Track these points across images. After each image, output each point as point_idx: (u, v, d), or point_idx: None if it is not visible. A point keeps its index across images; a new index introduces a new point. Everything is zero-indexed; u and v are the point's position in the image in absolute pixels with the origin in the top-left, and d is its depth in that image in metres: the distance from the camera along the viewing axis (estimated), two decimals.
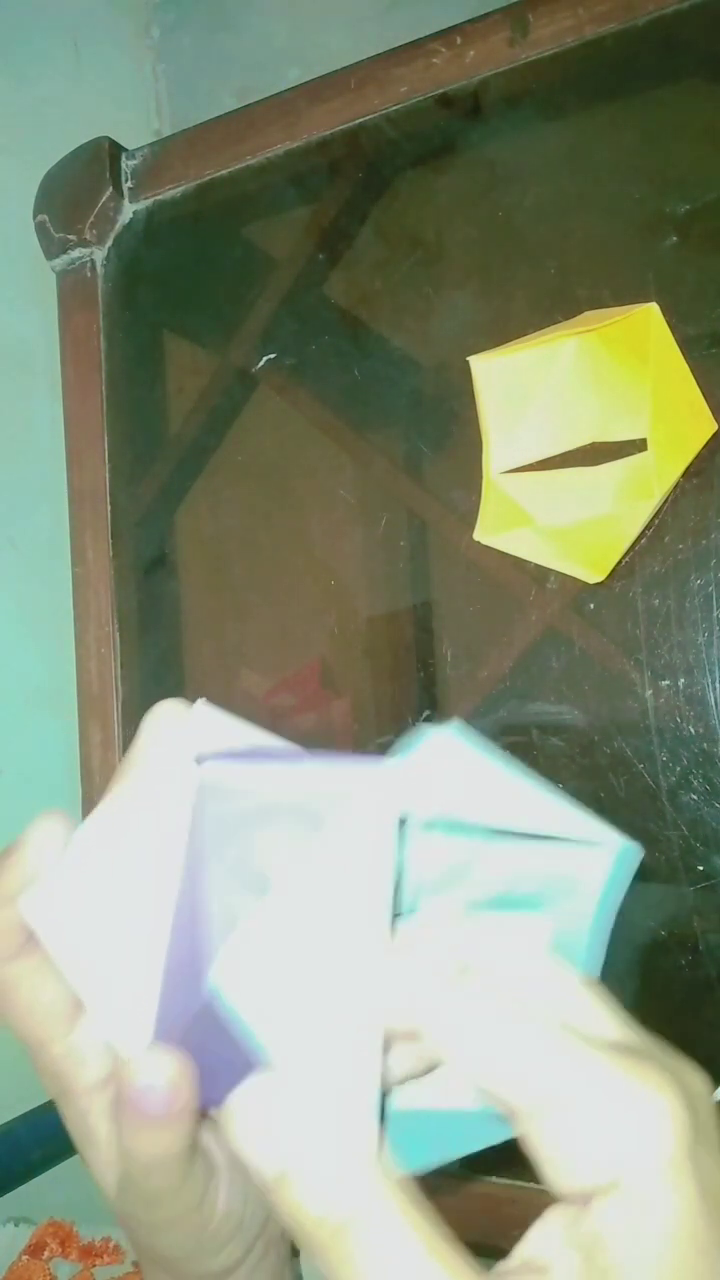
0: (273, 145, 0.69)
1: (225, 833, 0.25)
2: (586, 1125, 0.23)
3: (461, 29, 0.62)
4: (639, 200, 0.59)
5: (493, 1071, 0.24)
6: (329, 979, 0.24)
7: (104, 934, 0.26)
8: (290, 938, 0.24)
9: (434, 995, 0.25)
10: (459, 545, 0.61)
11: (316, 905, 0.24)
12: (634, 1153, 0.23)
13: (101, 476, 0.73)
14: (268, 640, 0.72)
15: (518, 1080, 0.24)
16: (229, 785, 0.26)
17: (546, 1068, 0.23)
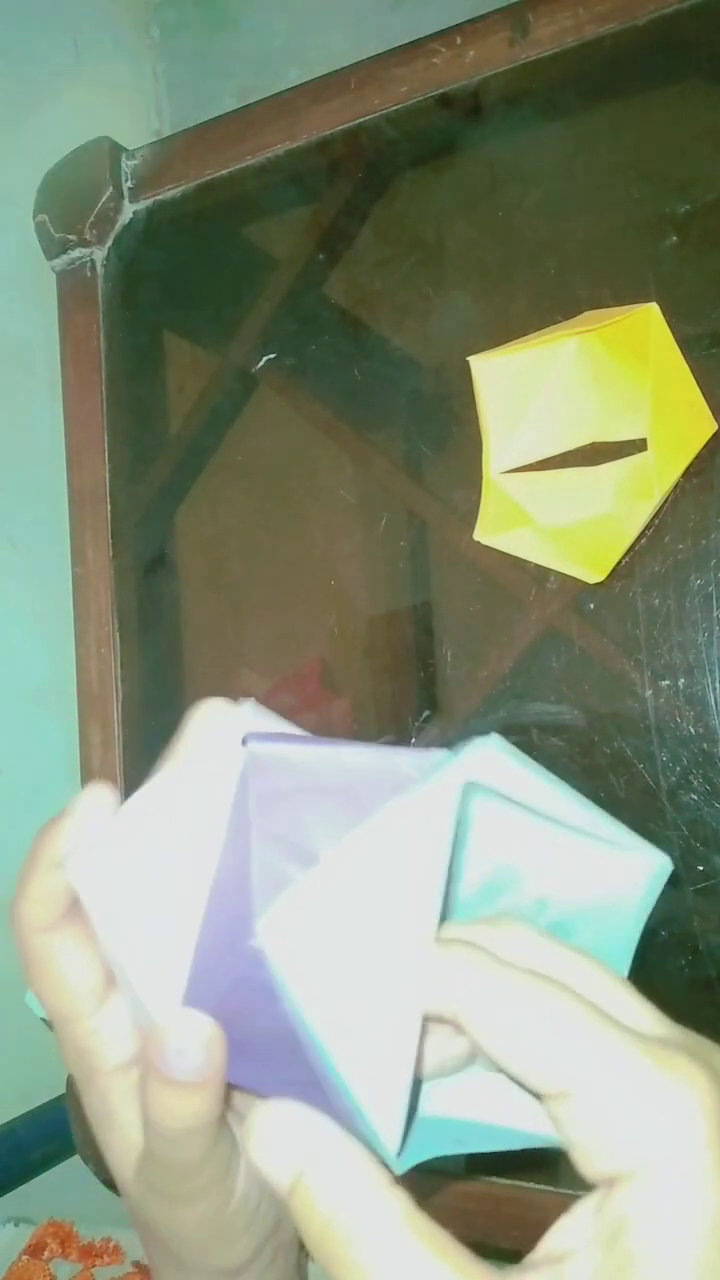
0: (273, 145, 0.69)
1: (270, 806, 0.25)
2: (615, 1110, 0.23)
3: (461, 29, 0.62)
4: (639, 200, 0.59)
5: (526, 1052, 0.24)
6: (373, 956, 0.24)
7: (145, 903, 0.26)
8: (339, 908, 0.24)
9: (473, 977, 0.25)
10: (459, 545, 0.61)
11: (368, 880, 0.24)
12: (660, 1140, 0.22)
13: (101, 476, 0.74)
14: (268, 640, 0.72)
15: (550, 1061, 0.24)
16: (275, 761, 0.26)
17: (580, 1050, 0.23)
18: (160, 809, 0.27)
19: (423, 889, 0.24)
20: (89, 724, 0.72)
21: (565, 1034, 0.24)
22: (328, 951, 0.23)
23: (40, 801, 0.80)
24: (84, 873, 0.27)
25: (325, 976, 0.23)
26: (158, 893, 0.26)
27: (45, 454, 0.80)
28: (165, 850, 0.27)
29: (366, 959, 0.24)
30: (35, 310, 0.81)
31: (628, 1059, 0.23)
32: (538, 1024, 0.24)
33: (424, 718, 0.63)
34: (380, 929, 0.24)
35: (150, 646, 0.74)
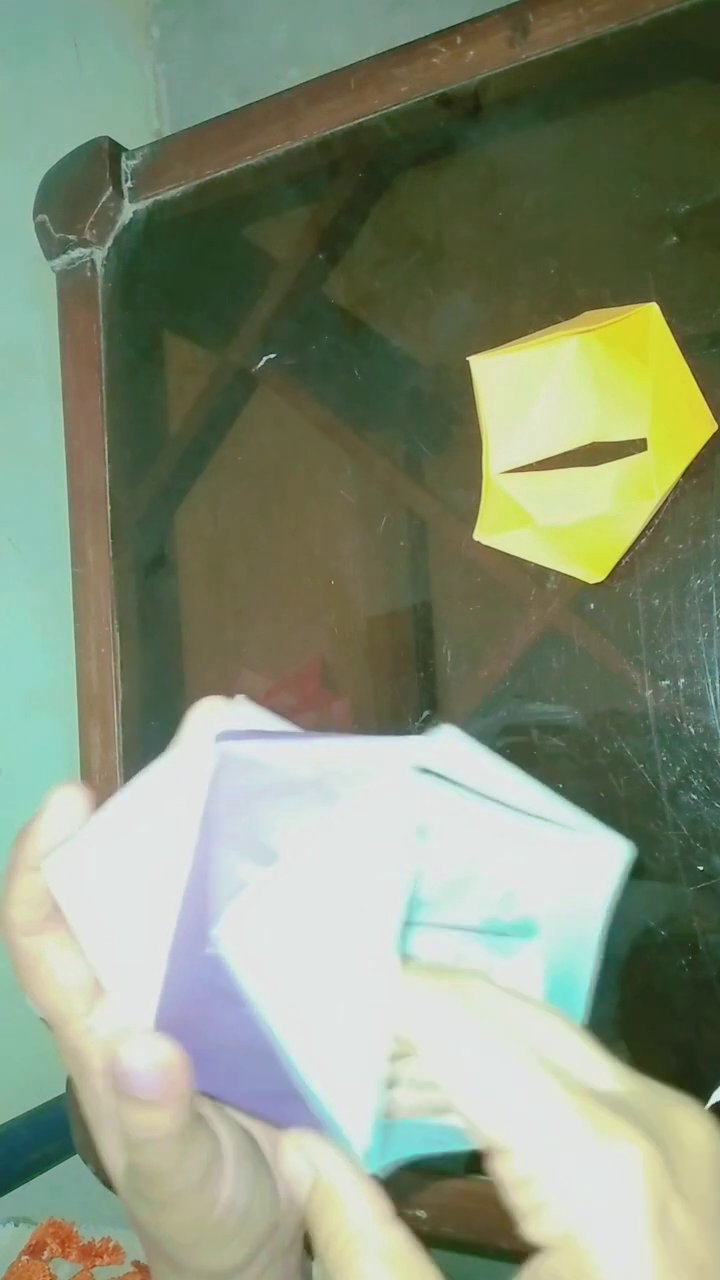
0: (273, 145, 0.69)
1: (237, 806, 0.25)
2: (550, 1174, 0.22)
3: (461, 29, 0.62)
4: (639, 200, 0.59)
5: (472, 1105, 0.24)
6: (337, 956, 0.24)
7: (120, 906, 0.26)
8: (299, 907, 0.23)
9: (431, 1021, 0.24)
10: (459, 545, 0.61)
11: (328, 876, 0.24)
12: (592, 1210, 0.22)
13: (101, 476, 0.73)
14: (268, 640, 0.72)
15: (494, 1116, 0.23)
16: (243, 761, 0.26)
17: (521, 1108, 0.23)
18: (139, 810, 0.27)
19: (387, 883, 0.24)
20: (89, 724, 0.72)
21: (509, 1090, 0.23)
22: (289, 952, 0.23)
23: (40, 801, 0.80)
24: (58, 875, 0.27)
25: (287, 979, 0.23)
26: (133, 896, 0.26)
27: (45, 454, 0.80)
28: (142, 852, 0.26)
29: (330, 959, 0.24)
30: (35, 310, 0.81)
31: (567, 1122, 0.23)
32: (486, 1076, 0.23)
33: (424, 718, 0.63)
34: (343, 927, 0.24)
35: (150, 646, 0.74)
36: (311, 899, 0.23)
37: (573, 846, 0.27)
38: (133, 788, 0.27)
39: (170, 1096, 0.25)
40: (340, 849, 0.24)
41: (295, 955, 0.23)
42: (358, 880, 0.24)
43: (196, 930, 0.24)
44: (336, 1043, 0.23)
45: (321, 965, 0.23)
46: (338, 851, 0.24)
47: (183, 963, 0.25)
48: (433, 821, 0.27)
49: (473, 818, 0.27)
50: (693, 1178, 0.23)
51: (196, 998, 0.24)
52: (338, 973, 0.24)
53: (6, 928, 0.28)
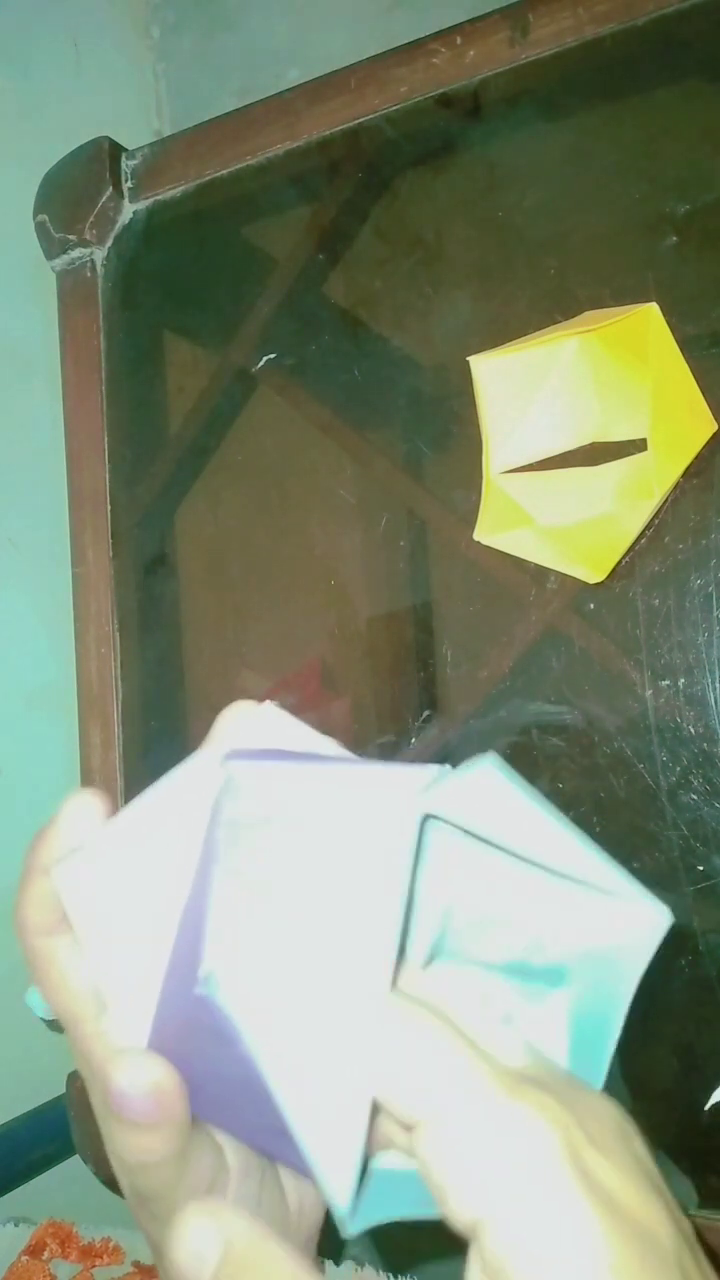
0: (273, 145, 0.69)
1: (235, 835, 0.25)
2: (465, 1141, 0.22)
3: (461, 29, 0.62)
4: (639, 200, 0.59)
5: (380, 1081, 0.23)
6: (327, 1003, 0.23)
7: (125, 919, 0.26)
8: (289, 948, 0.23)
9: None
10: (459, 545, 0.61)
11: (317, 911, 0.23)
12: (510, 1179, 0.22)
13: (101, 476, 0.73)
14: (268, 640, 0.72)
15: (405, 1088, 0.23)
16: (249, 786, 0.25)
17: (426, 1079, 0.23)
18: (152, 820, 0.27)
19: (378, 929, 0.23)
20: (89, 724, 0.72)
21: (417, 1058, 0.23)
22: (278, 995, 0.23)
23: (40, 801, 0.80)
24: (68, 883, 0.27)
25: (275, 1023, 0.23)
26: (138, 910, 0.26)
27: (45, 454, 0.80)
28: (150, 866, 0.26)
29: (320, 1006, 0.23)
30: (35, 310, 0.81)
31: (477, 1089, 0.22)
32: (400, 1049, 0.23)
33: (424, 718, 0.63)
34: (333, 973, 0.23)
35: (150, 646, 0.74)
36: (302, 939, 0.23)
37: (612, 909, 0.26)
38: (149, 796, 0.27)
39: (164, 1120, 0.25)
40: (331, 889, 0.23)
41: (285, 999, 0.23)
42: (348, 922, 0.23)
43: (189, 963, 0.23)
44: (322, 1094, 0.23)
45: (310, 1011, 0.23)
46: (329, 892, 0.23)
47: (175, 994, 0.25)
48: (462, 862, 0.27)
49: (504, 866, 0.26)
50: (601, 1133, 0.23)
51: (187, 1031, 0.24)
52: (326, 1020, 0.23)
53: (21, 928, 0.28)
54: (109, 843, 0.27)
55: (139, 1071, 0.25)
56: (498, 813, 0.25)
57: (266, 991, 0.23)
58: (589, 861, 0.26)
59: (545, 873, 0.26)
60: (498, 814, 0.25)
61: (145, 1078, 0.24)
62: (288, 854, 0.24)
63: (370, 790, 0.25)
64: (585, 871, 0.26)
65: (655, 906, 0.26)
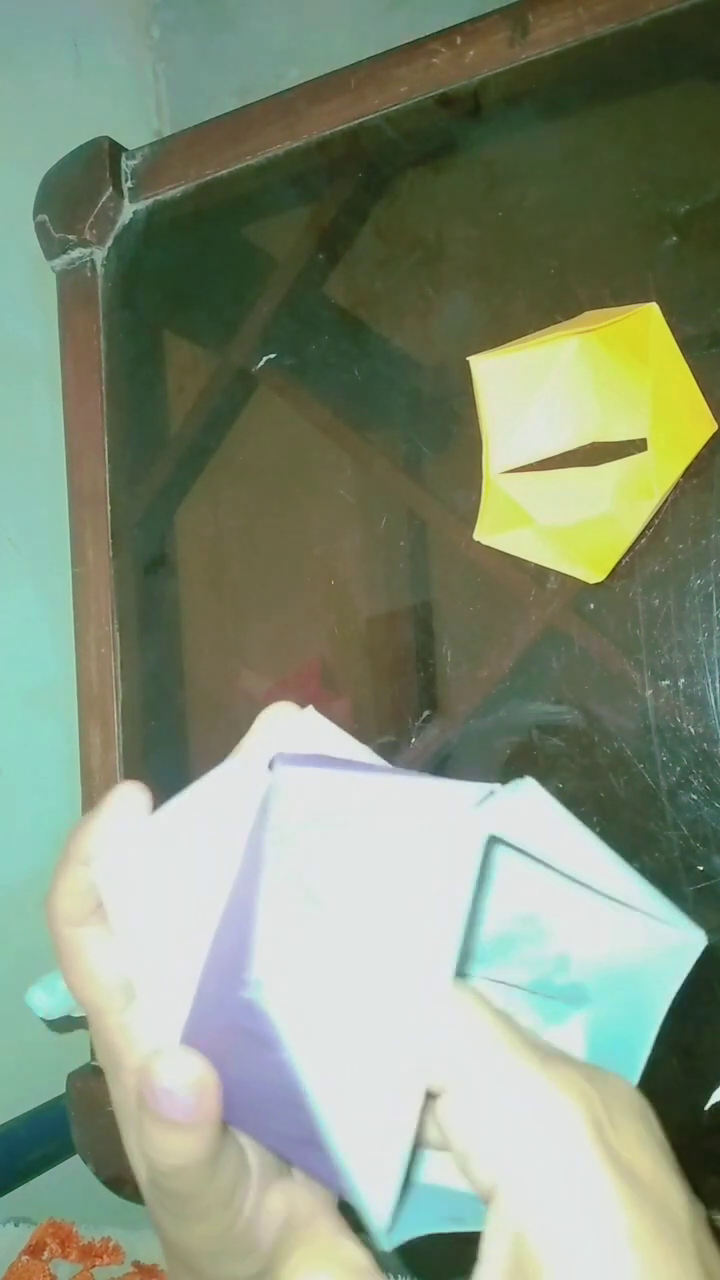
0: (273, 145, 0.69)
1: (287, 840, 0.24)
2: (489, 1111, 0.23)
3: (461, 29, 0.62)
4: (639, 200, 0.59)
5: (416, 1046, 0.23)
6: (377, 1016, 0.23)
7: (162, 915, 0.26)
8: (341, 962, 0.23)
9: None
10: (459, 545, 0.61)
11: (372, 925, 0.23)
12: (532, 1145, 0.22)
13: (101, 476, 0.73)
14: (268, 640, 0.72)
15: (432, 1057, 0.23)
16: (297, 791, 0.25)
17: (457, 1046, 0.23)
18: (194, 818, 0.27)
19: (434, 946, 0.23)
20: (89, 724, 0.72)
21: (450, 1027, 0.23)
22: (327, 1006, 0.22)
23: (40, 801, 0.80)
24: (108, 875, 0.27)
25: (323, 1033, 0.22)
26: (176, 907, 0.26)
27: (45, 454, 0.80)
28: (191, 864, 0.26)
29: (369, 1019, 0.23)
30: (35, 310, 0.81)
31: (506, 1058, 0.23)
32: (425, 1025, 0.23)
33: (424, 718, 0.63)
34: (385, 986, 0.23)
35: (150, 646, 0.74)
36: (355, 952, 0.23)
37: (645, 930, 0.26)
38: (192, 793, 0.27)
39: (201, 1119, 0.25)
40: (388, 902, 0.23)
41: (334, 1011, 0.22)
42: (407, 940, 0.23)
43: (233, 965, 0.23)
44: (366, 1110, 0.23)
45: (361, 1025, 0.23)
46: (388, 909, 0.23)
47: (214, 995, 0.24)
48: (493, 876, 0.26)
49: (538, 881, 0.26)
50: (623, 1111, 0.24)
51: (224, 1032, 0.24)
52: (377, 1036, 0.23)
53: (52, 917, 0.28)
54: (150, 838, 0.27)
55: (182, 1069, 0.24)
56: (543, 829, 0.25)
57: (316, 1002, 0.22)
58: (626, 882, 0.26)
59: (578, 890, 0.26)
60: (543, 830, 0.25)
61: (189, 1075, 0.24)
62: (342, 864, 0.24)
63: (430, 806, 0.24)
64: (623, 892, 0.26)
65: (689, 930, 0.26)
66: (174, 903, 0.26)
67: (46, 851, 0.81)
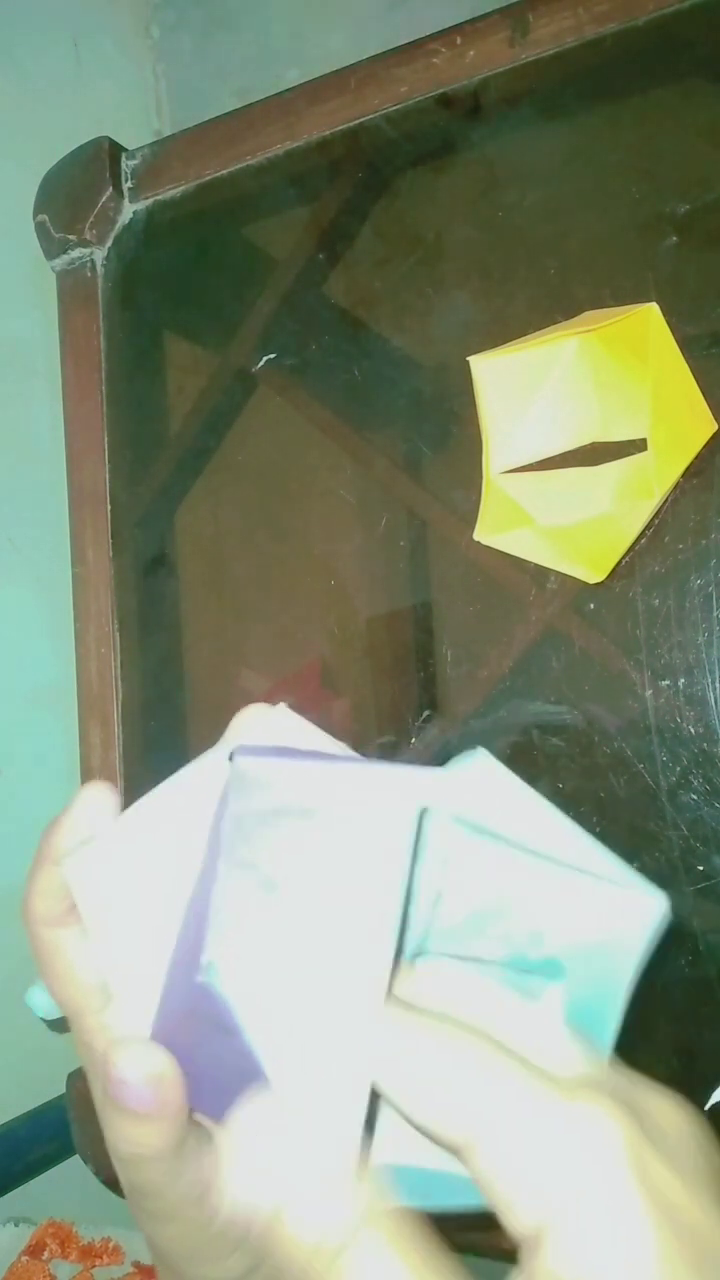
0: (272, 145, 0.69)
1: (244, 827, 0.25)
2: (521, 1156, 0.21)
3: (461, 29, 0.62)
4: (639, 200, 0.59)
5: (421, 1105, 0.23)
6: (325, 987, 0.23)
7: (133, 912, 0.26)
8: (290, 939, 0.23)
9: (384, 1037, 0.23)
10: (459, 545, 0.61)
11: (320, 907, 0.23)
12: (573, 1185, 0.21)
13: (101, 477, 0.73)
14: (268, 640, 0.72)
15: (450, 1110, 0.22)
16: (255, 781, 0.25)
17: (479, 1095, 0.22)
18: (162, 816, 0.27)
19: (377, 928, 0.23)
20: (89, 724, 0.72)
21: (457, 1079, 0.22)
22: (279, 987, 0.23)
23: (40, 801, 0.80)
24: (78, 874, 0.27)
25: (275, 1014, 0.23)
26: (146, 904, 0.26)
27: (45, 454, 0.80)
28: (159, 860, 0.26)
29: (319, 1001, 0.23)
30: (35, 310, 0.81)
31: (527, 1097, 0.22)
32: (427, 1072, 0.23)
33: (424, 718, 0.63)
34: (333, 969, 0.23)
35: (150, 646, 0.74)
36: (304, 934, 0.23)
37: (608, 898, 0.26)
38: (160, 791, 0.27)
39: (161, 1111, 0.25)
40: (333, 884, 0.24)
41: (284, 992, 0.23)
42: (349, 918, 0.23)
43: (193, 952, 0.24)
44: (320, 1085, 0.23)
45: (310, 1003, 0.23)
46: (331, 887, 0.23)
47: (178, 984, 0.25)
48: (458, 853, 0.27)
49: (501, 856, 0.26)
50: (665, 1139, 0.22)
51: (189, 1021, 0.24)
52: (325, 1013, 0.23)
53: (28, 918, 0.28)
54: (119, 836, 0.27)
55: (138, 1060, 0.25)
56: (498, 802, 0.25)
57: (266, 983, 0.23)
58: (586, 850, 0.26)
59: (542, 863, 0.26)
60: (498, 803, 0.25)
61: (144, 1067, 0.24)
62: (292, 849, 0.24)
63: (371, 788, 0.25)
64: (582, 859, 0.26)
65: (651, 895, 0.26)
66: (144, 899, 0.26)
67: None
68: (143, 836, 0.27)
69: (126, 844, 0.27)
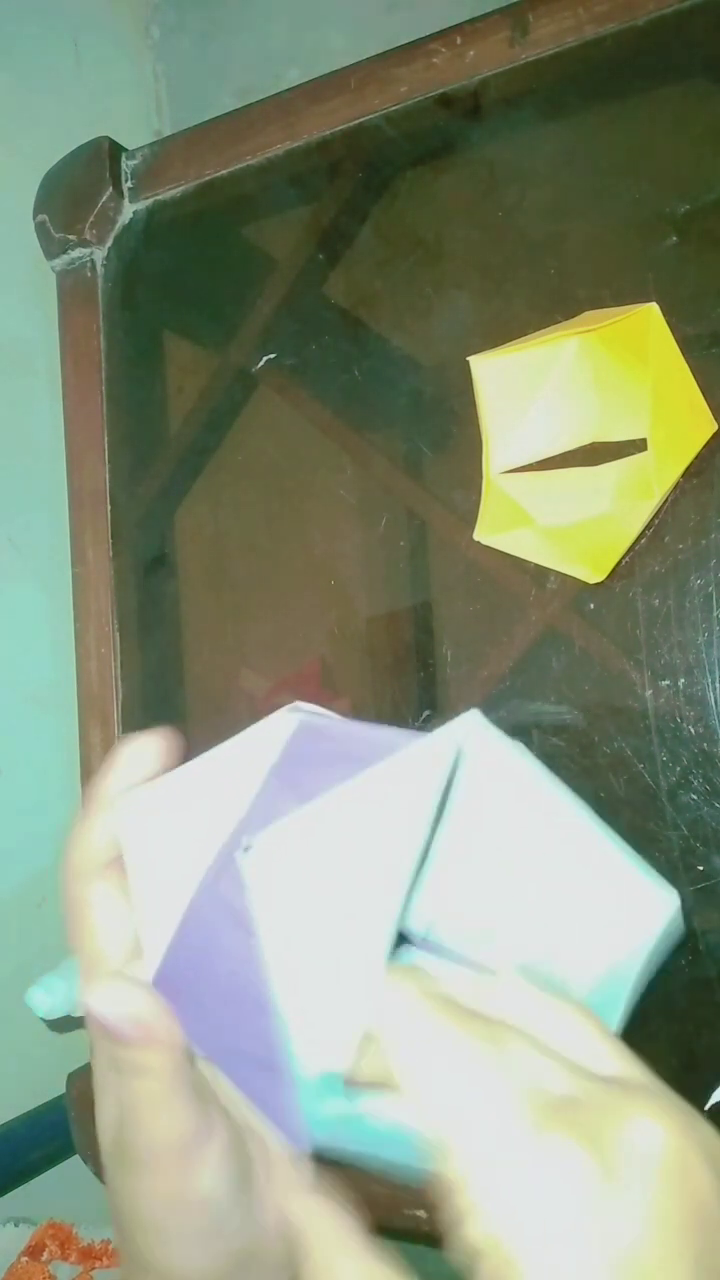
0: (273, 145, 0.69)
1: (299, 762, 0.26)
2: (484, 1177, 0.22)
3: (461, 29, 0.62)
4: (639, 200, 0.59)
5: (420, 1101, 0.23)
6: (341, 911, 0.24)
7: (171, 863, 0.27)
8: (322, 852, 0.24)
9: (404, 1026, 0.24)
10: (459, 545, 0.61)
11: (351, 830, 0.24)
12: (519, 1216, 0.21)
13: (101, 477, 0.73)
14: (268, 640, 0.72)
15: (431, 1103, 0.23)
16: (315, 728, 0.27)
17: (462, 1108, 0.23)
18: (216, 774, 0.28)
19: (399, 852, 0.24)
20: (89, 724, 0.72)
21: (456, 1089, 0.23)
22: (302, 893, 0.24)
23: (40, 802, 0.80)
24: (129, 817, 0.28)
25: (294, 918, 0.24)
26: (187, 855, 0.27)
27: (45, 454, 0.80)
28: (207, 816, 0.27)
29: (336, 914, 0.24)
30: (35, 310, 0.81)
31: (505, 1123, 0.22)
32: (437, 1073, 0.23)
33: (424, 718, 0.63)
34: (354, 884, 0.24)
35: (150, 646, 0.74)
36: (335, 849, 0.24)
37: (619, 894, 0.27)
38: (218, 751, 0.28)
39: (148, 1040, 0.26)
40: (365, 807, 0.24)
41: (307, 898, 0.24)
42: (375, 841, 0.24)
43: (230, 854, 0.25)
44: (321, 997, 0.24)
45: (327, 916, 0.24)
46: (362, 809, 0.24)
47: (208, 889, 0.26)
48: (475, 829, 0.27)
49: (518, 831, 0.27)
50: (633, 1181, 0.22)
51: (210, 925, 0.25)
52: (339, 929, 0.24)
53: (65, 870, 0.29)
54: (173, 787, 0.28)
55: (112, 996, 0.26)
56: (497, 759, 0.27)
57: (293, 885, 0.24)
58: (597, 838, 0.27)
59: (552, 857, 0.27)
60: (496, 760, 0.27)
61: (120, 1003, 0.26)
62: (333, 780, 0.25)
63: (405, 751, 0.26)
64: (593, 849, 0.27)
65: (662, 890, 0.27)
66: (187, 851, 0.27)
67: (46, 852, 0.81)
68: (196, 791, 0.27)
69: (179, 795, 0.27)
